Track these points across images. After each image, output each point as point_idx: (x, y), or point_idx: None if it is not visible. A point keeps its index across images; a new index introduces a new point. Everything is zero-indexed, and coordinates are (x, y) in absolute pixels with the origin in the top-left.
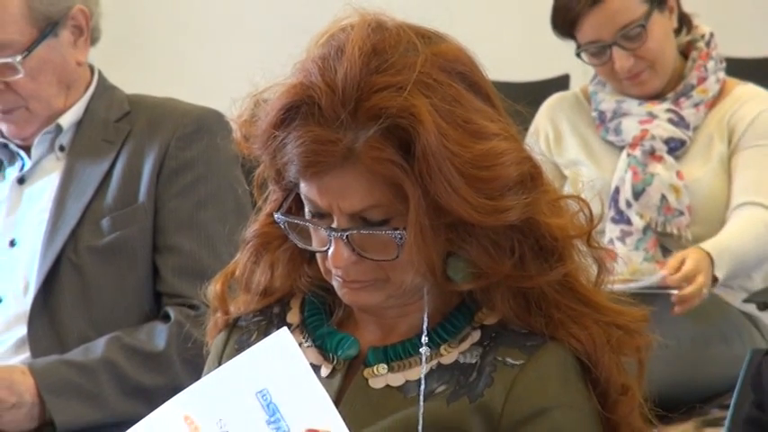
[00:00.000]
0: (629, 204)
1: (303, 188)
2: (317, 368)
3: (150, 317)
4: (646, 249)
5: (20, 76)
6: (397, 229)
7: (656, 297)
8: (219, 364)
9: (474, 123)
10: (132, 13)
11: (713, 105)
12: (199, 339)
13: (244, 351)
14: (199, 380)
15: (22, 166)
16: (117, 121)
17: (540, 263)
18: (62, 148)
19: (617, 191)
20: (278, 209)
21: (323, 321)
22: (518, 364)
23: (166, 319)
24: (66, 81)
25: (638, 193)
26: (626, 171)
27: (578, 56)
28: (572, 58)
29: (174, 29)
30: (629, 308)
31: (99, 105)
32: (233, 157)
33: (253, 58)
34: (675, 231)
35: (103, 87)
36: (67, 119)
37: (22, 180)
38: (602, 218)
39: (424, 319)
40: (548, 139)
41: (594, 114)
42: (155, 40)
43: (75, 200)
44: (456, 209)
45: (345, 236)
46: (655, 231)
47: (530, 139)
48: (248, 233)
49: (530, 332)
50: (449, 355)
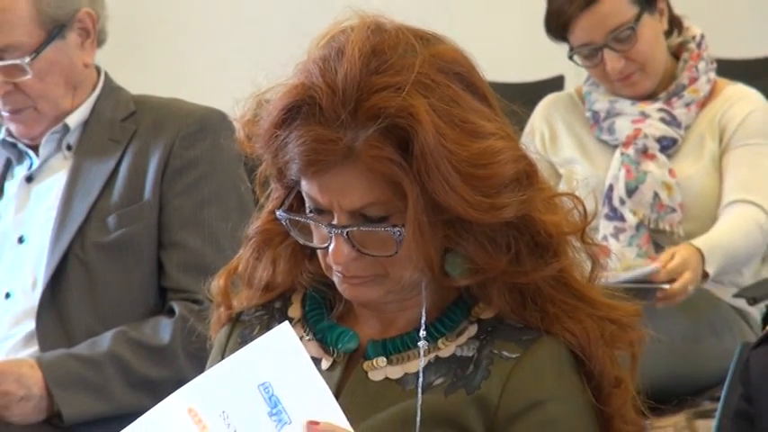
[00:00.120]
0: (622, 201)
1: (304, 186)
2: (317, 361)
3: (155, 311)
4: (639, 245)
5: (28, 77)
6: (395, 226)
7: (647, 292)
8: (223, 358)
9: (471, 123)
10: (136, 15)
11: (704, 105)
12: (202, 333)
13: (246, 345)
14: (202, 373)
15: (30, 164)
16: (123, 121)
17: (536, 259)
18: (69, 148)
19: (611, 188)
20: (280, 206)
21: (323, 315)
22: (514, 357)
23: (171, 313)
24: (74, 82)
25: (631, 191)
26: (619, 169)
27: (571, 58)
28: (566, 60)
29: (178, 31)
30: (622, 303)
31: (105, 106)
32: (236, 156)
33: (255, 60)
34: (668, 228)
35: (110, 88)
36: (74, 119)
37: (30, 178)
38: (596, 215)
39: (423, 313)
40: (543, 139)
41: (588, 114)
42: (159, 41)
43: (82, 198)
44: (453, 206)
45: (345, 232)
46: (647, 228)
47: (525, 139)
48: (251, 230)
49: (525, 326)
50: (446, 349)
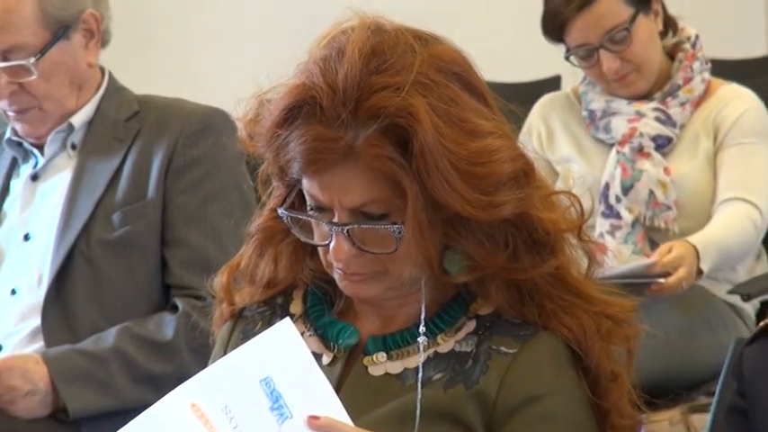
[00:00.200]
0: (618, 199)
1: (305, 184)
2: (318, 356)
3: (159, 308)
4: (634, 243)
5: (33, 77)
6: (395, 224)
7: (640, 286)
8: (225, 353)
9: (469, 122)
10: (140, 16)
11: (699, 104)
12: (205, 329)
13: (248, 340)
14: (205, 368)
15: (36, 163)
16: (127, 121)
17: (533, 256)
18: (74, 147)
19: (607, 186)
20: (281, 204)
21: (324, 311)
22: (512, 352)
23: (174, 309)
24: (78, 82)
25: (626, 189)
26: (615, 167)
27: (567, 59)
28: (563, 60)
29: (181, 32)
30: (618, 299)
31: (109, 105)
32: (238, 155)
33: (257, 60)
34: (663, 225)
35: (114, 88)
36: (79, 118)
37: (35, 177)
38: (592, 212)
39: (422, 309)
40: (540, 137)
41: (585, 114)
42: (162, 42)
43: (87, 196)
44: (452, 204)
45: (346, 230)
46: (643, 225)
47: (523, 138)
48: (253, 227)
49: (523, 322)
50: (445, 344)
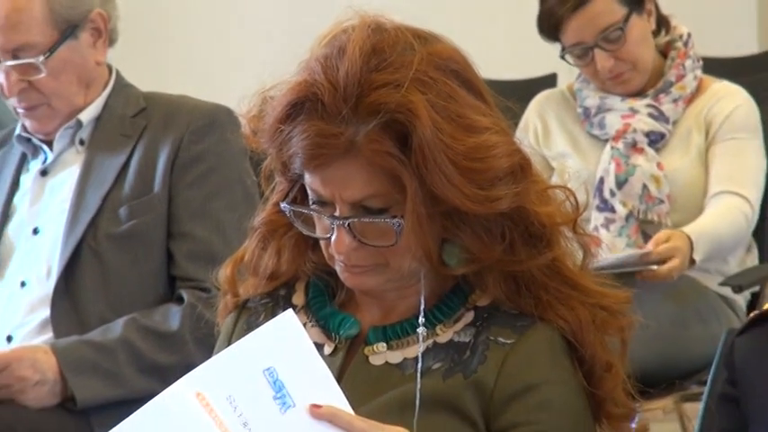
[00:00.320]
0: (612, 193)
1: (307, 179)
2: (320, 346)
3: (165, 299)
4: (628, 236)
5: (42, 75)
6: (395, 217)
7: (630, 274)
8: (229, 344)
9: (467, 118)
10: (147, 15)
11: (691, 101)
12: (210, 320)
13: (252, 331)
14: (210, 358)
15: (45, 159)
16: (133, 117)
17: (530, 248)
18: (82, 142)
19: (601, 181)
20: (284, 198)
21: (326, 303)
22: (509, 342)
23: (180, 301)
24: (86, 80)
25: (621, 183)
26: (610, 162)
27: (563, 58)
28: (559, 58)
29: (186, 31)
30: (612, 290)
31: (116, 102)
32: (242, 151)
33: (260, 58)
34: (656, 219)
35: (121, 85)
36: (87, 115)
37: (44, 172)
38: (587, 206)
39: (421, 300)
40: (536, 133)
41: (580, 110)
42: (168, 41)
43: (95, 190)
44: (450, 198)
45: (347, 223)
46: (637, 219)
47: (519, 133)
48: (256, 221)
49: (520, 313)
50: (444, 335)
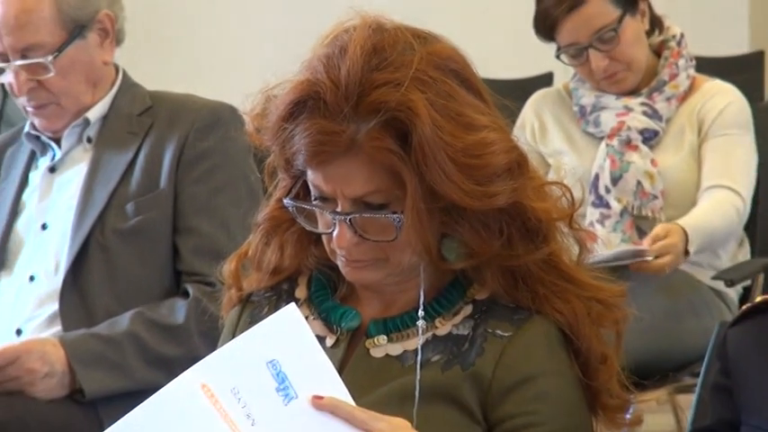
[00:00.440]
0: (607, 190)
1: (310, 175)
2: (322, 339)
3: (171, 293)
4: (623, 231)
5: (51, 74)
6: (395, 213)
7: (631, 273)
8: (233, 337)
9: (466, 116)
10: (153, 16)
11: (684, 99)
12: (215, 314)
13: (255, 324)
14: (215, 351)
15: (53, 156)
16: (140, 115)
17: (527, 243)
18: (89, 140)
19: (596, 177)
20: (287, 194)
21: (328, 296)
22: (506, 335)
23: (185, 295)
24: (94, 79)
25: (615, 180)
26: (605, 159)
27: (558, 58)
28: (555, 58)
29: (191, 32)
30: (607, 284)
31: (123, 101)
32: (246, 148)
33: (263, 58)
34: (650, 214)
35: (127, 84)
36: (94, 113)
37: (53, 169)
38: (582, 202)
39: (421, 294)
40: (533, 131)
41: (576, 108)
42: (173, 41)
43: (102, 187)
44: (449, 194)
45: (348, 219)
46: (631, 214)
47: (517, 131)
48: (260, 217)
49: (517, 306)
50: (443, 328)
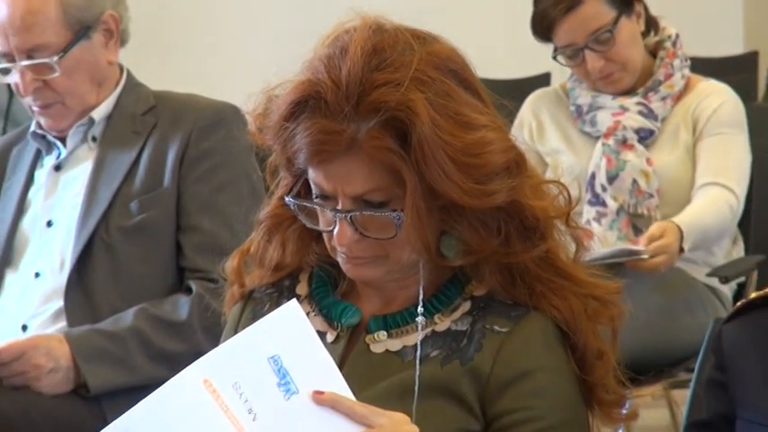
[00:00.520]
0: (603, 188)
1: (311, 174)
2: (322, 335)
3: (174, 290)
4: (619, 229)
5: (56, 74)
6: (395, 211)
7: (627, 270)
8: (236, 333)
9: (464, 115)
10: (157, 17)
11: (679, 99)
12: (217, 310)
13: (257, 320)
14: (217, 347)
15: (59, 154)
16: (144, 115)
17: (524, 241)
18: (94, 139)
19: (593, 176)
20: (288, 193)
21: (328, 292)
22: (504, 331)
23: (188, 291)
24: (98, 79)
25: (611, 178)
26: (601, 158)
27: (555, 58)
28: (552, 59)
29: (195, 32)
30: (604, 281)
31: (127, 100)
32: (248, 147)
33: (265, 58)
34: (646, 212)
35: (131, 84)
36: (99, 112)
37: (58, 167)
38: (579, 200)
39: (420, 291)
40: (531, 130)
41: (572, 108)
42: (177, 42)
43: (107, 185)
44: (448, 192)
45: (349, 217)
46: (627, 212)
47: (515, 130)
48: (262, 214)
49: (515, 303)
50: (442, 324)
